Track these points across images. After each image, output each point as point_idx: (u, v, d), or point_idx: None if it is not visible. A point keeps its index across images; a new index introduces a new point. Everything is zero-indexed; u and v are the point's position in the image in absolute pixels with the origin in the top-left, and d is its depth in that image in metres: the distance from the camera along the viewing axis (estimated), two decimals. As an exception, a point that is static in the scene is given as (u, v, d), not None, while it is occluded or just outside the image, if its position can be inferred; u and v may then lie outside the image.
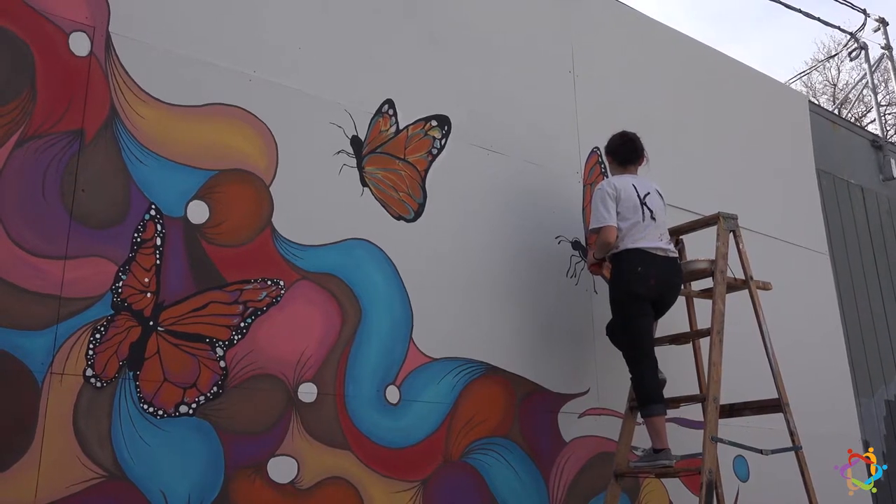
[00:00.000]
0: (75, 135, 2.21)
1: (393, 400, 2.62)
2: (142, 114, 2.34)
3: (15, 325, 1.99)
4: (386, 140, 2.86)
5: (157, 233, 2.29)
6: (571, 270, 3.23)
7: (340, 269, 2.62)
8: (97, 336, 2.11)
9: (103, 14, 2.34)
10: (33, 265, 2.06)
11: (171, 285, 2.28)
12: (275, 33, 2.68)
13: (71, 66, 2.25)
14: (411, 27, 3.04)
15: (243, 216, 2.46)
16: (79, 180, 2.19)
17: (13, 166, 2.09)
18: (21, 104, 2.13)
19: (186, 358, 2.25)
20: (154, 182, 2.32)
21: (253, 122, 2.55)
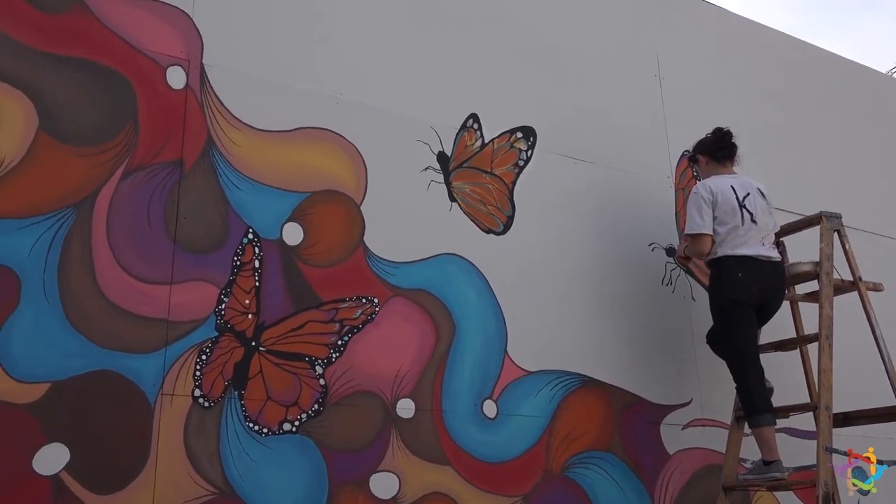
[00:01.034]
0: (175, 165, 2.29)
1: (490, 414, 2.60)
2: (236, 141, 2.41)
3: (127, 349, 2.08)
4: (472, 154, 2.87)
5: (256, 255, 2.35)
6: (667, 278, 3.15)
7: (433, 285, 2.63)
8: (203, 357, 2.18)
9: (197, 47, 2.43)
10: (142, 291, 2.14)
11: (270, 306, 2.33)
12: (359, 55, 2.72)
13: (169, 99, 2.34)
14: (492, 41, 3.05)
15: (336, 236, 2.50)
16: (180, 208, 2.27)
17: (121, 197, 2.19)
18: (125, 138, 2.23)
19: (287, 377, 2.30)
20: (250, 206, 2.38)
21: (342, 144, 2.60)
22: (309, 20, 2.65)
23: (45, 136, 2.12)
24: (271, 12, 2.58)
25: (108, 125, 2.22)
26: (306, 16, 2.65)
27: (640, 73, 3.42)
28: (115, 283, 2.11)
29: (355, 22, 2.75)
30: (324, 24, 2.69)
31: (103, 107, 2.22)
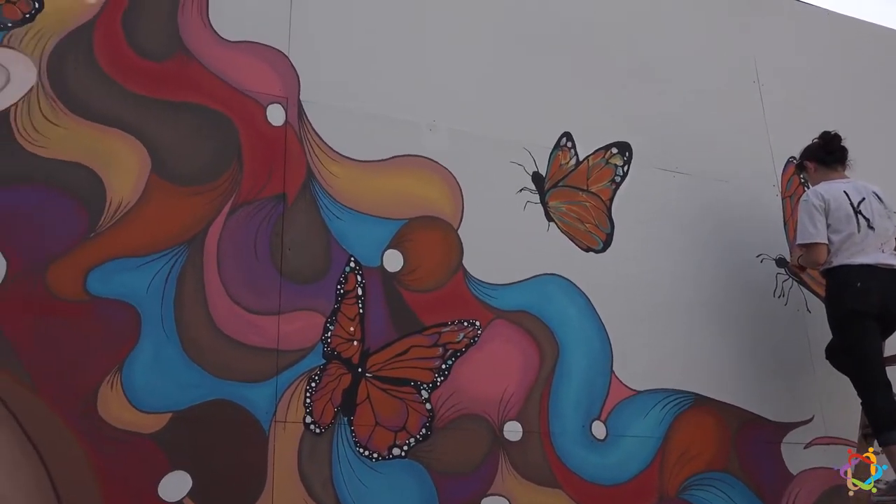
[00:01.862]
0: (279, 198, 2.37)
1: (600, 435, 2.54)
2: (335, 172, 2.47)
3: (241, 378, 2.14)
4: (567, 173, 2.84)
5: (358, 283, 2.38)
6: (779, 290, 3.02)
7: (534, 306, 2.60)
8: (312, 384, 2.22)
9: (294, 85, 2.51)
10: (252, 322, 2.21)
11: (374, 332, 2.36)
12: (450, 82, 2.76)
13: (270, 136, 2.42)
14: (581, 58, 3.03)
15: (435, 261, 2.52)
16: (285, 240, 2.33)
17: (229, 232, 2.27)
18: (231, 175, 2.32)
19: (395, 402, 2.31)
20: (351, 235, 2.43)
21: (436, 169, 2.62)
22: (398, 52, 2.71)
23: (157, 178, 2.23)
24: (362, 47, 2.65)
25: (214, 164, 2.31)
26: (395, 48, 2.71)
27: (738, 81, 3.33)
28: (226, 315, 2.18)
29: (443, 50, 2.79)
30: (413, 55, 2.73)
31: (209, 147, 2.32)
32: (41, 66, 2.18)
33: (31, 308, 1.98)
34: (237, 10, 2.48)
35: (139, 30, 2.33)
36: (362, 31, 2.66)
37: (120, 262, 2.11)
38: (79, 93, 2.21)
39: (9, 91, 2.13)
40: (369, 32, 2.67)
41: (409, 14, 2.77)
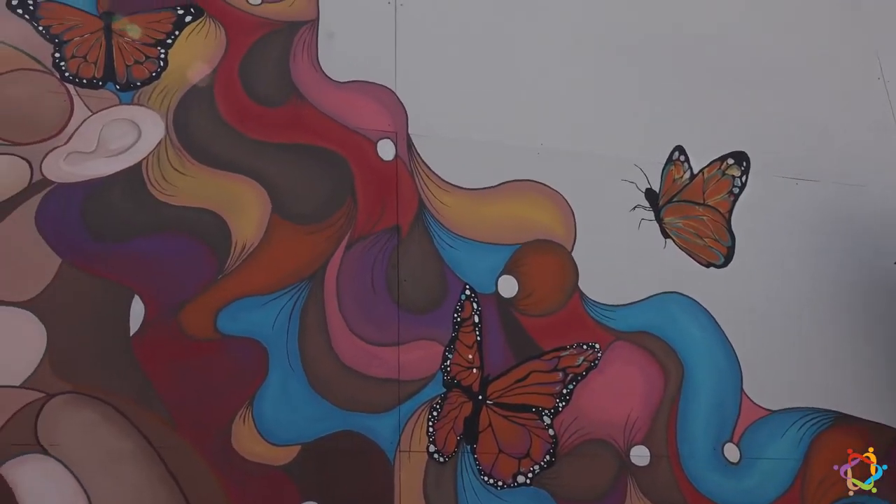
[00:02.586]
0: (393, 231, 2.41)
1: (733, 458, 2.43)
2: (446, 202, 2.50)
3: (365, 409, 2.18)
4: (682, 187, 2.77)
5: (474, 311, 2.39)
6: (923, 297, 2.83)
7: (655, 326, 2.54)
8: (434, 413, 2.24)
9: (402, 119, 2.56)
10: (373, 353, 2.25)
11: (493, 359, 2.36)
12: (554, 104, 2.75)
13: (381, 170, 2.48)
14: (688, 68, 2.95)
15: (551, 285, 2.50)
16: (401, 272, 2.37)
17: (347, 267, 2.33)
18: (346, 211, 2.39)
19: (517, 429, 2.30)
20: (465, 264, 2.44)
21: (546, 193, 2.61)
22: (501, 78, 2.73)
23: (277, 219, 2.32)
24: (465, 77, 2.68)
25: (330, 201, 2.39)
26: (498, 74, 2.73)
27: (860, 78, 3.15)
28: (348, 347, 2.24)
29: (545, 72, 2.79)
30: (516, 79, 2.74)
31: (325, 185, 2.40)
32: (168, 119, 2.32)
33: (167, 349, 2.09)
34: (345, 52, 2.57)
35: (255, 79, 2.45)
36: (464, 62, 2.70)
37: (247, 301, 2.20)
38: (203, 142, 2.33)
39: (140, 145, 2.28)
40: (471, 62, 2.71)
41: (508, 40, 2.79)
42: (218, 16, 2.47)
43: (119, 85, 2.32)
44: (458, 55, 2.70)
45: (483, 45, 2.75)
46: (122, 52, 2.35)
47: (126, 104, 2.30)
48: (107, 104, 2.28)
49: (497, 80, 2.72)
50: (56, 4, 2.34)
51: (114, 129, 2.27)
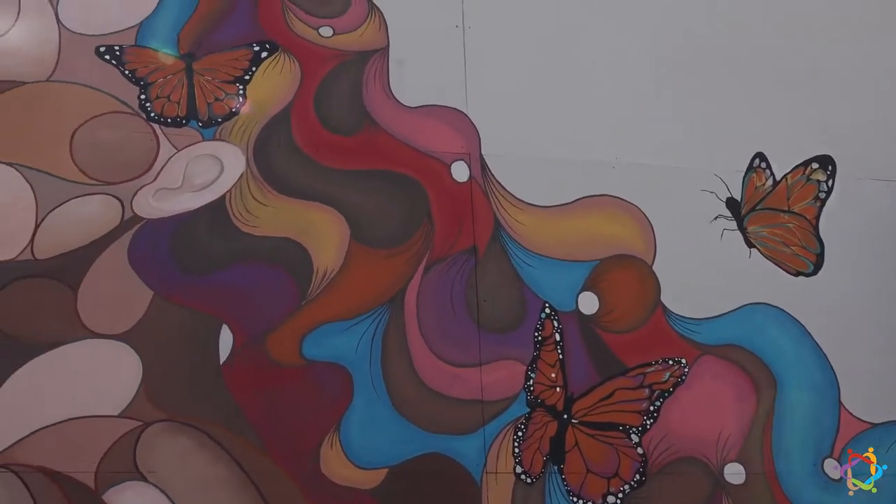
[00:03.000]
0: (470, 252, 2.42)
1: (834, 475, 2.33)
2: (522, 221, 2.49)
3: (449, 431, 2.19)
4: (765, 195, 2.69)
5: (555, 329, 2.37)
6: None
7: (743, 338, 2.47)
8: (519, 434, 2.23)
9: (475, 140, 2.57)
10: (455, 375, 2.26)
11: (576, 378, 2.33)
12: (628, 116, 2.72)
13: (456, 192, 2.50)
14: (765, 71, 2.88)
15: (632, 300, 2.46)
16: (479, 292, 2.38)
17: (426, 289, 2.35)
18: (423, 234, 2.41)
19: (604, 448, 2.26)
20: (543, 282, 2.43)
21: (624, 207, 2.58)
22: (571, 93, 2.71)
23: (356, 245, 2.35)
24: (535, 94, 2.68)
25: (407, 225, 2.41)
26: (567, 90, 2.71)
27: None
28: (430, 369, 2.25)
29: (616, 84, 2.76)
30: (586, 94, 2.72)
31: (401, 209, 2.43)
32: (248, 153, 2.40)
33: (255, 376, 2.15)
34: (416, 78, 2.61)
35: (329, 109, 2.51)
36: (534, 80, 2.70)
37: (330, 327, 2.24)
38: (281, 173, 2.40)
39: (223, 179, 2.36)
40: (541, 79, 2.70)
41: (576, 56, 2.77)
42: (292, 50, 2.55)
43: (201, 122, 2.40)
44: (528, 73, 2.70)
45: (552, 62, 2.74)
46: (203, 91, 2.44)
47: (209, 140, 2.39)
48: (191, 141, 2.37)
49: (568, 97, 2.71)
50: (140, 49, 2.45)
51: (198, 165, 2.35)
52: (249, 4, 2.58)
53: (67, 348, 2.10)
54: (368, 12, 2.64)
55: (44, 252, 2.17)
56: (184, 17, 2.51)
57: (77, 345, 2.11)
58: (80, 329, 2.12)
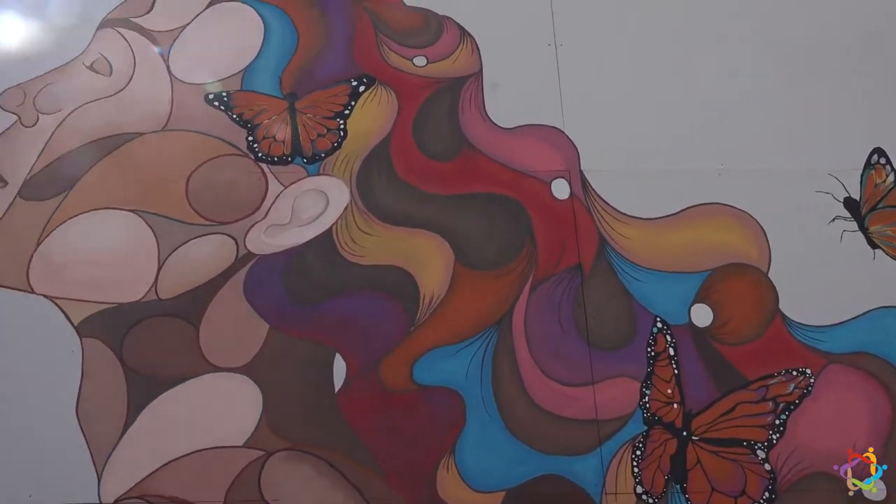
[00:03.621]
0: (575, 270, 2.39)
1: None
2: (627, 235, 2.45)
3: (565, 452, 2.16)
4: (886, 192, 2.55)
5: (669, 343, 2.31)
6: None
7: (873, 345, 2.33)
8: (637, 452, 2.17)
9: (574, 157, 2.56)
10: (567, 394, 2.23)
11: (694, 393, 2.26)
12: (731, 120, 2.63)
13: (558, 210, 2.48)
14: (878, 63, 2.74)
15: (749, 309, 2.37)
16: (587, 310, 2.34)
17: (533, 309, 2.33)
18: (527, 254, 2.40)
19: (728, 465, 2.18)
20: (653, 296, 2.37)
21: (734, 214, 2.49)
22: (668, 102, 2.66)
23: (461, 268, 2.37)
24: (631, 106, 2.64)
25: (510, 246, 2.41)
26: (665, 99, 2.66)
27: None
28: (542, 389, 2.23)
29: (716, 89, 2.68)
30: (684, 101, 2.66)
31: (504, 230, 2.43)
32: (351, 185, 2.46)
33: (370, 402, 2.19)
34: (511, 99, 2.62)
35: (427, 136, 2.55)
36: (630, 92, 2.66)
37: (439, 351, 2.26)
38: (384, 202, 2.45)
39: (329, 212, 2.43)
40: (637, 91, 2.66)
41: (672, 64, 2.72)
42: (388, 82, 2.61)
43: (306, 158, 2.49)
44: (623, 85, 2.67)
45: (647, 71, 2.70)
46: (307, 129, 2.53)
47: (313, 175, 2.47)
48: (297, 177, 2.46)
49: (667, 105, 2.65)
50: (245, 93, 2.57)
51: (305, 200, 2.43)
52: (345, 42, 2.66)
53: (193, 382, 2.20)
54: (460, 39, 2.68)
55: (167, 292, 2.29)
56: (284, 59, 2.62)
57: (201, 379, 2.21)
58: (203, 364, 2.22)
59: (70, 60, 2.63)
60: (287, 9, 2.73)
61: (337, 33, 2.69)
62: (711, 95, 2.68)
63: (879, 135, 2.61)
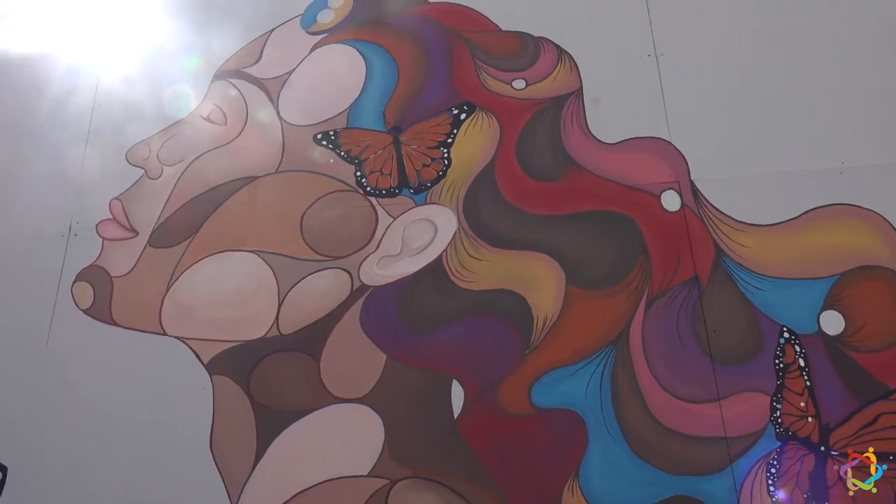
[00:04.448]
0: (692, 283, 2.32)
1: None
2: (744, 243, 2.36)
3: (694, 472, 2.08)
4: None
5: (798, 354, 2.20)
6: None
7: None
8: (772, 470, 2.07)
9: (683, 167, 2.49)
10: (692, 411, 2.16)
11: (829, 405, 2.14)
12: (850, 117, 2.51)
13: (669, 222, 2.42)
14: None
15: (884, 314, 2.23)
16: (708, 323, 2.27)
17: (650, 326, 2.28)
18: (640, 270, 2.35)
19: (874, 480, 2.05)
20: (778, 305, 2.27)
21: (860, 214, 2.36)
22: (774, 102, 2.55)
23: (573, 288, 2.34)
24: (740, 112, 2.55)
25: (622, 262, 2.37)
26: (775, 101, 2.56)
27: None
28: (665, 407, 2.16)
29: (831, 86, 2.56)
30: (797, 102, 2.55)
31: (614, 247, 2.39)
32: (459, 211, 2.49)
33: (489, 427, 2.19)
34: (613, 113, 2.59)
35: (531, 158, 2.55)
36: (736, 94, 2.57)
37: (556, 373, 2.24)
38: (492, 227, 2.46)
39: (438, 240, 2.46)
40: (743, 92, 2.57)
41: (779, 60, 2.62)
42: (489, 107, 2.63)
43: (413, 189, 2.54)
44: (729, 89, 2.59)
45: (754, 72, 2.61)
46: (412, 160, 2.58)
47: (421, 205, 2.51)
48: (405, 208, 2.51)
49: (777, 105, 2.55)
50: (351, 130, 2.65)
51: (414, 230, 2.48)
52: (444, 72, 2.71)
53: (317, 414, 2.27)
54: (558, 59, 2.68)
55: (288, 327, 2.38)
56: (387, 94, 2.69)
57: (325, 410, 2.27)
58: (326, 395, 2.28)
59: (188, 113, 2.80)
60: (386, 45, 2.81)
61: (435, 64, 2.74)
62: (826, 91, 2.55)
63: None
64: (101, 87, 2.93)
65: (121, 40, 3.04)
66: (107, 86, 2.94)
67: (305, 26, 2.90)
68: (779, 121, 2.53)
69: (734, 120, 2.54)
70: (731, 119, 2.54)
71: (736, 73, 2.62)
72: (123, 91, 2.92)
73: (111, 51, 3.02)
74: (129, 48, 3.01)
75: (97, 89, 2.93)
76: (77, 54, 3.03)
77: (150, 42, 3.01)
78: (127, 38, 3.04)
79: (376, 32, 2.84)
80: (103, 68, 2.98)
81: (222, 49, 2.90)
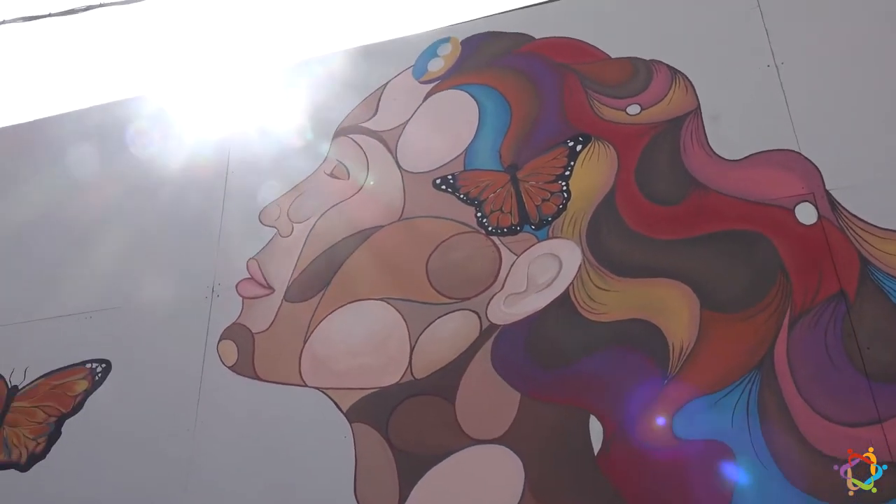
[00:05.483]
0: (838, 298, 2.19)
1: None
2: (892, 252, 2.21)
3: (862, 501, 1.93)
4: None
5: (968, 367, 2.02)
6: None
7: None
8: (952, 496, 1.90)
9: (816, 177, 2.36)
10: (850, 435, 2.00)
11: None
12: None
13: (806, 236, 2.30)
14: None
15: None
16: (860, 339, 2.12)
17: (796, 346, 2.16)
18: (780, 288, 2.24)
19: None
20: (937, 314, 2.10)
21: None
22: None
23: (709, 313, 2.26)
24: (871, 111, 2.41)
25: (759, 282, 2.26)
26: None
27: None
28: (820, 433, 2.03)
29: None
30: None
31: (750, 267, 2.29)
32: (582, 243, 2.46)
33: (632, 462, 2.12)
34: (735, 129, 2.50)
35: (652, 183, 2.49)
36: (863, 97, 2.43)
37: (698, 402, 2.15)
38: (618, 256, 2.41)
39: (564, 274, 2.44)
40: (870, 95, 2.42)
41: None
42: (604, 136, 2.60)
43: (534, 225, 2.54)
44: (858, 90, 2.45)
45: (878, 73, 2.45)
46: (530, 196, 2.59)
47: (543, 240, 2.50)
48: (527, 245, 2.51)
49: None
50: (469, 172, 2.69)
51: (538, 266, 2.47)
52: (556, 106, 2.71)
53: (456, 457, 2.28)
54: (672, 80, 2.63)
55: (421, 371, 2.41)
56: (500, 134, 2.72)
57: (463, 453, 2.27)
58: (463, 437, 2.29)
59: (313, 172, 2.93)
60: (496, 85, 2.85)
61: (547, 99, 2.75)
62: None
63: None
64: (232, 156, 3.12)
65: (248, 112, 3.23)
66: (238, 154, 3.12)
67: (417, 76, 2.99)
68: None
69: (866, 123, 2.39)
70: (863, 123, 2.39)
71: (862, 75, 2.47)
72: (253, 157, 3.09)
73: (240, 121, 3.21)
74: (255, 118, 3.19)
75: (229, 159, 3.11)
76: (210, 128, 3.25)
77: (274, 109, 3.19)
78: (253, 109, 3.23)
79: (486, 74, 2.89)
80: (234, 138, 3.17)
81: (342, 105, 3.03)
